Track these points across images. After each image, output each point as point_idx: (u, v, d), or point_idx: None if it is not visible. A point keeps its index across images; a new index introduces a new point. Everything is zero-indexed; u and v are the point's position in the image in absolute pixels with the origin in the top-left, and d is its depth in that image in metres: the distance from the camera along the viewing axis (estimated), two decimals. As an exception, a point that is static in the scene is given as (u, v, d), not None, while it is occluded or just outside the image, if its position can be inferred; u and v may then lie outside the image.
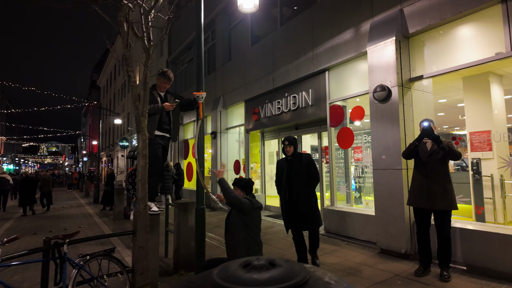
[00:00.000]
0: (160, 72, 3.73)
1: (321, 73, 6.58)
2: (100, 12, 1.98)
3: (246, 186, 3.15)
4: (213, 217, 8.67)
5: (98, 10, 1.98)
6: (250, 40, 9.22)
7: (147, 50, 2.31)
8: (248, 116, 8.98)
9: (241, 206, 2.89)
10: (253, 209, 3.01)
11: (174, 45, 14.46)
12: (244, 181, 3.17)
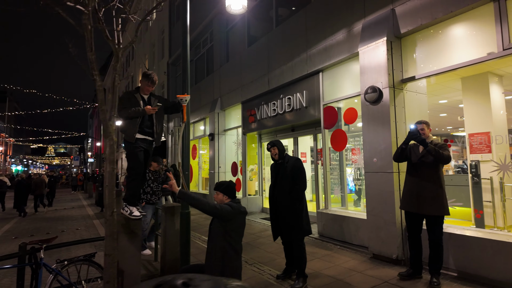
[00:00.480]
0: (144, 74, 3.68)
1: (315, 75, 6.50)
2: (63, 14, 1.93)
3: (228, 189, 3.07)
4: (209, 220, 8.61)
5: (61, 12, 1.94)
6: (246, 41, 9.17)
7: (116, 52, 2.25)
8: (245, 117, 8.93)
9: (220, 214, 2.82)
10: (234, 216, 2.92)
11: (175, 46, 14.49)
12: (225, 184, 3.10)
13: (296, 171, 3.80)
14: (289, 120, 7.32)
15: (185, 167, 4.06)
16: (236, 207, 2.90)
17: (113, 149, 2.21)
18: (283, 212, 3.80)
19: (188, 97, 3.89)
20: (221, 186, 3.09)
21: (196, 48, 12.72)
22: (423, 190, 3.66)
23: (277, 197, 3.90)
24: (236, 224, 2.91)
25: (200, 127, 11.89)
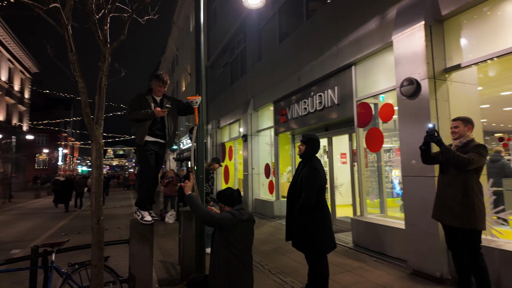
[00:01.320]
0: (155, 75, 3.61)
1: (346, 69, 5.98)
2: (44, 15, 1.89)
3: (229, 199, 2.84)
4: (242, 222, 8.47)
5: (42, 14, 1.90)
6: (278, 38, 8.88)
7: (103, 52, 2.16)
8: (277, 117, 8.64)
9: (215, 223, 2.60)
10: (235, 224, 2.68)
11: (212, 50, 14.70)
12: (227, 193, 2.87)
13: (304, 180, 3.26)
14: (321, 119, 6.86)
15: (199, 171, 3.92)
16: (238, 214, 2.66)
17: (99, 153, 2.12)
18: (296, 221, 3.35)
19: (199, 98, 3.74)
20: (221, 197, 2.88)
21: (231, 50, 12.73)
22: (448, 197, 3.10)
23: (292, 200, 3.49)
24: (239, 233, 2.66)
25: (235, 129, 11.86)
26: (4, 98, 26.13)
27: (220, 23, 13.80)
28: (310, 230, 3.20)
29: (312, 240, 3.20)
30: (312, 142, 3.45)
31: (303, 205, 3.19)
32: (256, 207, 9.56)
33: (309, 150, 3.44)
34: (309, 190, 3.19)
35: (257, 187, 9.77)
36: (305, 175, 3.26)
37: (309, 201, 3.18)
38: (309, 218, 3.23)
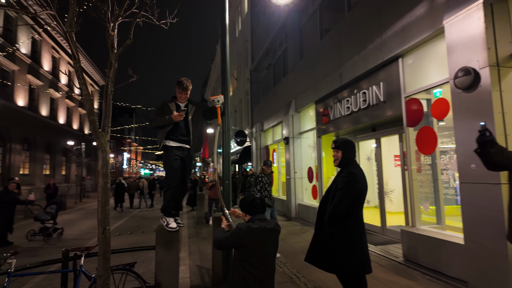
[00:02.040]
0: (176, 82, 3.59)
1: (392, 62, 5.39)
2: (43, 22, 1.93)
3: (248, 207, 2.61)
4: (283, 228, 8.20)
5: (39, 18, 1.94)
6: (318, 34, 8.46)
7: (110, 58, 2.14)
8: (319, 118, 8.21)
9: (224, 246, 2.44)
10: (245, 239, 2.36)
11: (256, 53, 14.70)
12: (247, 201, 2.64)
13: (338, 185, 2.84)
14: (367, 118, 6.30)
15: (226, 176, 3.79)
16: (246, 227, 2.38)
17: (105, 161, 2.09)
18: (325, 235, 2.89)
19: (220, 97, 3.61)
20: (242, 203, 2.66)
21: (273, 51, 12.56)
22: None
23: (323, 213, 3.00)
24: (254, 249, 2.39)
25: (278, 131, 11.63)
26: (77, 109, 29.45)
27: (263, 26, 13.73)
28: (337, 244, 2.78)
29: (342, 255, 2.76)
30: (348, 146, 3.01)
31: (332, 213, 2.77)
32: (299, 213, 9.20)
33: (348, 154, 2.99)
34: (342, 197, 2.77)
35: (300, 192, 9.40)
36: (340, 181, 2.86)
37: (338, 209, 2.74)
38: (338, 230, 2.81)
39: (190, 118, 3.61)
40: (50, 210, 7.80)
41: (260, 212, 2.59)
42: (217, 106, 3.60)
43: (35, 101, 21.66)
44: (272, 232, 2.50)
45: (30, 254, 6.49)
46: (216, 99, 3.56)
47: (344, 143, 3.03)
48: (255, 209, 2.57)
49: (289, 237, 7.07)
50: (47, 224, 7.59)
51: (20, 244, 7.34)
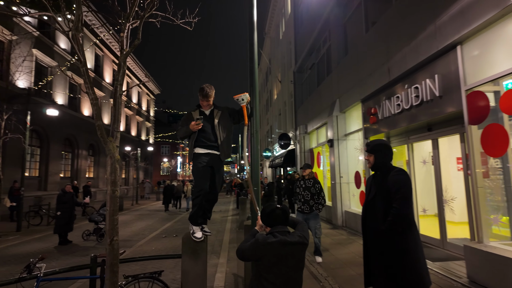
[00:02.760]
0: (199, 89, 3.47)
1: (449, 51, 4.67)
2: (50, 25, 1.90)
3: (267, 218, 2.34)
4: (328, 237, 7.68)
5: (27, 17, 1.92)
6: (364, 27, 7.85)
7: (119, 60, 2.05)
8: (366, 118, 7.56)
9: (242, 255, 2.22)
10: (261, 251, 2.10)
11: (299, 53, 14.32)
12: (266, 211, 2.37)
13: (395, 185, 2.48)
14: (420, 116, 5.58)
15: (255, 182, 3.54)
16: (262, 239, 2.11)
17: (114, 168, 1.99)
18: (374, 248, 2.58)
19: (245, 95, 3.37)
20: (261, 214, 2.40)
21: (317, 50, 12.07)
22: None
23: (368, 224, 2.72)
24: (271, 263, 2.11)
25: (322, 133, 11.07)
26: (135, 117, 31.80)
27: (306, 25, 13.32)
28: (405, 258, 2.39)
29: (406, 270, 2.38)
30: (381, 149, 2.69)
31: (397, 217, 2.39)
32: (346, 221, 8.57)
33: (381, 158, 2.68)
34: (405, 195, 2.43)
35: (346, 198, 8.77)
36: (394, 180, 2.52)
37: (406, 209, 2.41)
38: (402, 239, 2.43)
39: (217, 123, 3.46)
40: (102, 212, 8.32)
41: (281, 223, 2.28)
42: (242, 105, 3.39)
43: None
44: (295, 245, 2.19)
45: (83, 253, 6.94)
46: (241, 97, 3.35)
47: (377, 146, 2.71)
48: (275, 221, 2.28)
49: (333, 248, 6.57)
50: (100, 225, 8.10)
51: (76, 243, 7.94)
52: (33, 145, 16.48)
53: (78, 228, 9.34)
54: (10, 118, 9.30)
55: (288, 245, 2.14)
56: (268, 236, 2.19)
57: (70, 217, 7.89)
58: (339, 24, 9.47)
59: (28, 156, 16.13)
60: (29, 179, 15.96)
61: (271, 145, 23.15)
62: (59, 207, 7.71)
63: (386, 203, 2.53)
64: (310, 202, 5.55)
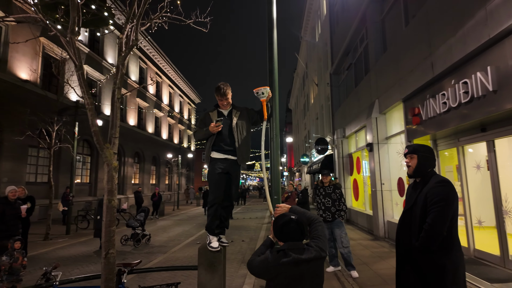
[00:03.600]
0: (215, 88, 3.30)
1: (504, 38, 4.03)
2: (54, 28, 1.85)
3: (279, 232, 2.06)
4: (367, 249, 7.07)
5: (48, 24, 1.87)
6: (403, 21, 7.24)
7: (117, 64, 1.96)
8: (408, 119, 6.89)
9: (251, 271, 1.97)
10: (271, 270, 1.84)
11: (335, 54, 13.77)
12: (278, 224, 2.09)
13: (433, 197, 2.11)
14: (471, 115, 4.90)
15: (275, 190, 3.27)
16: (273, 260, 1.83)
17: (111, 176, 1.88)
18: (406, 265, 2.24)
19: (265, 89, 3.11)
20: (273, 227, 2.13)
21: (354, 50, 11.48)
22: None
23: (401, 237, 2.36)
24: (281, 285, 1.83)
25: (361, 137, 10.41)
26: (177, 126, 33.13)
27: (342, 24, 12.79)
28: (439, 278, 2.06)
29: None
30: (424, 152, 2.30)
31: (430, 234, 2.05)
32: (389, 232, 7.87)
33: (423, 163, 2.29)
34: (442, 211, 2.06)
35: (389, 207, 8.06)
36: (433, 192, 2.15)
37: (440, 227, 2.04)
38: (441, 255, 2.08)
39: (235, 124, 3.25)
40: (139, 217, 8.56)
41: (295, 239, 1.97)
42: (262, 99, 3.15)
43: (143, 120, 25.19)
44: (310, 262, 1.88)
45: (118, 257, 7.16)
46: (261, 91, 3.10)
47: (420, 148, 2.35)
48: (288, 236, 1.96)
49: (372, 261, 6.01)
50: (137, 231, 8.34)
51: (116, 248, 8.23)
52: (84, 153, 17.81)
53: (120, 233, 9.72)
54: (60, 129, 10.06)
55: (303, 264, 1.84)
56: (279, 254, 1.87)
57: None
58: (376, 20, 8.88)
59: (80, 164, 17.46)
60: (80, 185, 17.25)
61: (309, 151, 22.55)
62: (99, 212, 8.08)
63: (423, 216, 2.16)
64: (331, 209, 5.18)
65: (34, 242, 8.89)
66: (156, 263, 6.77)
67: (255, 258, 2.03)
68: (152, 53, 26.34)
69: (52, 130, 9.67)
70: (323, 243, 1.98)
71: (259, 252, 2.15)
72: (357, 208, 10.93)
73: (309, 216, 2.18)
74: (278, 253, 1.93)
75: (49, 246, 8.58)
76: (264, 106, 3.15)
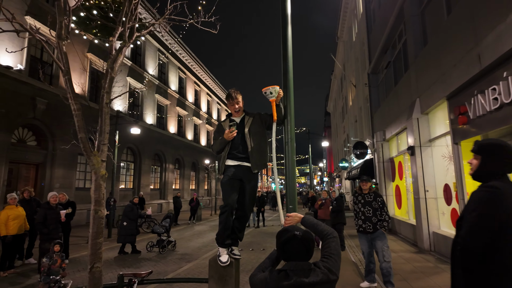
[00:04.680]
0: (225, 97, 3.19)
1: None
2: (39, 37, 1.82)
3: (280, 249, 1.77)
4: (409, 263, 6.40)
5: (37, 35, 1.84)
6: (445, 10, 6.55)
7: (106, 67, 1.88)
8: (453, 119, 6.17)
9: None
10: None
11: (372, 53, 13.04)
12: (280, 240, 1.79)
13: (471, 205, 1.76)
14: (529, 111, 4.21)
15: (291, 198, 2.99)
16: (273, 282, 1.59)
17: (98, 185, 1.78)
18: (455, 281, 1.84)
19: (273, 88, 2.89)
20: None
21: (392, 47, 10.74)
22: None
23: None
24: None
25: (403, 140, 9.62)
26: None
27: (379, 21, 12.08)
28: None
29: None
30: (493, 151, 1.82)
31: (463, 248, 1.70)
32: (435, 245, 7.07)
33: (489, 164, 1.83)
34: (476, 223, 1.68)
35: (434, 217, 7.26)
36: (474, 199, 1.77)
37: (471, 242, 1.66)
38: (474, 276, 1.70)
39: (247, 131, 3.08)
40: (164, 223, 8.63)
41: (299, 259, 1.66)
42: (271, 99, 2.94)
43: (183, 128, 26.10)
44: (316, 287, 1.58)
45: (140, 264, 7.28)
46: (269, 90, 2.89)
47: (488, 146, 1.86)
48: (291, 255, 1.67)
49: (413, 277, 5.40)
50: (162, 237, 8.39)
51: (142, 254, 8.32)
52: (128, 160, 18.83)
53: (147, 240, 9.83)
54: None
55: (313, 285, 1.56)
56: (280, 275, 1.62)
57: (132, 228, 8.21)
58: (415, 13, 8.19)
59: (124, 170, 18.48)
60: (124, 190, 18.22)
61: (348, 155, 21.59)
62: (124, 218, 8.25)
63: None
64: (372, 219, 4.69)
65: (78, 245, 9.45)
66: (186, 269, 6.76)
67: (257, 273, 1.81)
68: (190, 63, 27.30)
69: (94, 139, 10.28)
70: (334, 263, 1.68)
71: (263, 267, 1.92)
72: (400, 217, 10.08)
73: (322, 229, 1.90)
74: (279, 273, 1.68)
75: (91, 248, 9.06)
76: (274, 106, 2.93)
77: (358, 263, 6.41)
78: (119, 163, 16.43)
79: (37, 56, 12.63)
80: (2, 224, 6.03)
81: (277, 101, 2.95)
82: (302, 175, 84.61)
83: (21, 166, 12.09)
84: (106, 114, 1.95)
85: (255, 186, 3.21)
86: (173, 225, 14.49)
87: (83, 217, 13.87)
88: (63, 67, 1.98)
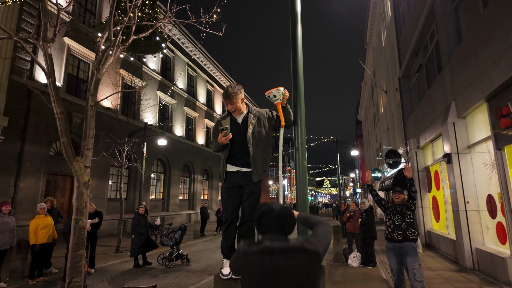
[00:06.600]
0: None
1: None
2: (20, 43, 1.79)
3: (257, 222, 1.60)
4: (449, 284, 5.74)
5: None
6: (480, 4, 6.00)
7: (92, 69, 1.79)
8: (495, 122, 5.55)
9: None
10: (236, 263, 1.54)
11: (403, 56, 12.41)
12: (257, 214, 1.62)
13: None
14: None
15: (302, 208, 2.72)
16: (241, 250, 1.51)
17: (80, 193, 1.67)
18: None
19: (276, 90, 2.65)
20: None
21: (424, 49, 10.11)
22: None
23: None
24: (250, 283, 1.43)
25: (439, 146, 8.88)
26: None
27: (408, 23, 11.50)
28: None
29: None
30: None
31: None
32: (479, 263, 6.31)
33: None
34: None
35: (477, 231, 6.51)
36: None
37: None
38: None
39: (250, 134, 2.72)
40: (174, 236, 8.25)
41: (274, 231, 1.54)
42: (276, 103, 2.70)
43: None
44: (288, 254, 1.43)
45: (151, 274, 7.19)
46: (272, 93, 2.65)
47: None
48: (266, 229, 1.55)
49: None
50: (173, 249, 8.09)
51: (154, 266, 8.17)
52: (158, 171, 19.31)
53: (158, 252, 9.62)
54: (130, 149, 11.00)
55: (278, 254, 1.42)
56: (251, 242, 1.54)
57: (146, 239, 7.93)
58: (447, 10, 7.64)
59: (154, 181, 18.95)
60: (155, 201, 18.63)
61: (381, 165, 20.54)
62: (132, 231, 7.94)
63: None
64: (402, 226, 4.20)
65: (107, 254, 9.64)
66: (208, 282, 6.60)
67: None
68: (218, 75, 27.84)
69: (123, 150, 10.61)
70: (316, 239, 1.52)
71: None
72: (438, 231, 9.24)
73: (312, 220, 1.76)
74: (251, 242, 1.55)
75: (118, 258, 9.17)
76: (280, 110, 2.69)
77: (390, 281, 5.87)
78: (148, 174, 16.84)
79: (74, 74, 13.47)
80: (32, 233, 6.26)
81: (283, 103, 2.72)
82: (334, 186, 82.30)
83: (58, 177, 12.78)
84: (91, 117, 1.86)
85: (256, 192, 2.85)
86: (200, 235, 14.44)
87: (114, 227, 14.29)
88: (46, 69, 1.94)
